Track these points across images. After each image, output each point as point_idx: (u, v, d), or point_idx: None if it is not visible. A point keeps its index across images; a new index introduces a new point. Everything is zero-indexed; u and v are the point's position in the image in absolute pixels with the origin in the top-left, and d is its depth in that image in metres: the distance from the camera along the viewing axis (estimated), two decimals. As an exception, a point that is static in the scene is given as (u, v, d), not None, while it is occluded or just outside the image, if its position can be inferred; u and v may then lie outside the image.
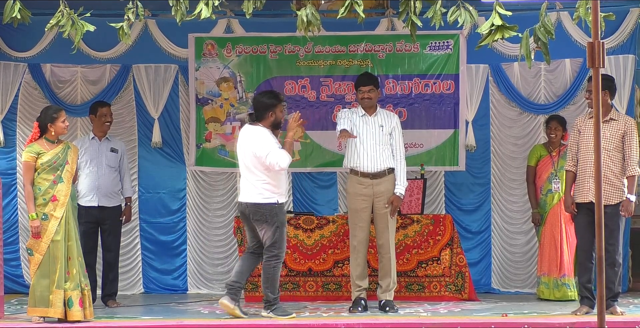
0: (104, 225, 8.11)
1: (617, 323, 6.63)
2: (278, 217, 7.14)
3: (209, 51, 9.15)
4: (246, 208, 7.16)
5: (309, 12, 6.48)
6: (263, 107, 7.24)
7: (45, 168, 6.95)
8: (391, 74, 9.06)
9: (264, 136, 7.15)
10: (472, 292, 8.13)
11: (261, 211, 7.09)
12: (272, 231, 7.11)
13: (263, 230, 7.13)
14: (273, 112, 7.23)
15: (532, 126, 9.06)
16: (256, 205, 7.10)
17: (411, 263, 8.16)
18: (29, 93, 9.14)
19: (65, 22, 6.62)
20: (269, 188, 7.12)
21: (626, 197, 6.98)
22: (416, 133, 9.00)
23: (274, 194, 7.14)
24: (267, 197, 7.11)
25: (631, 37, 8.74)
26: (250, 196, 7.15)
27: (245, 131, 7.28)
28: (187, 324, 6.91)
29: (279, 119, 7.28)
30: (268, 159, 7.02)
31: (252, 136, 7.18)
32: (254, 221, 7.16)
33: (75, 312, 6.83)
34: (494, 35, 6.35)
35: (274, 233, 7.11)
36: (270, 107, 7.24)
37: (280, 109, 7.30)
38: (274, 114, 7.24)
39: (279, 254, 7.18)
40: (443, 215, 8.37)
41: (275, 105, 7.25)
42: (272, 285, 7.14)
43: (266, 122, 7.23)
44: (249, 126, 7.31)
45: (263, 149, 7.06)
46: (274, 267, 7.14)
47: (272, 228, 7.10)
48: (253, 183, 7.14)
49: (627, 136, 7.03)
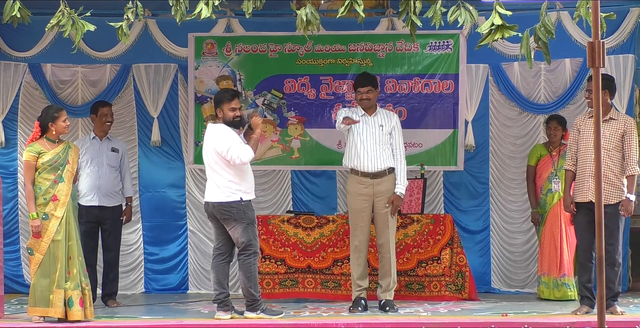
0: (104, 225, 8.11)
1: (617, 323, 6.63)
2: (246, 214, 7.07)
3: (209, 49, 9.15)
4: (212, 208, 7.10)
5: (309, 11, 6.47)
6: (214, 105, 7.23)
7: (46, 168, 6.95)
8: (391, 73, 9.06)
9: (223, 132, 7.09)
10: (473, 291, 8.13)
11: (227, 210, 7.04)
12: (243, 229, 7.04)
13: (233, 229, 7.07)
14: (220, 109, 7.15)
15: (531, 125, 9.06)
16: (221, 204, 7.06)
17: (411, 262, 8.16)
18: (29, 93, 9.15)
19: (65, 21, 6.62)
20: (232, 185, 7.07)
21: (626, 197, 6.98)
22: (416, 132, 9.00)
23: (238, 191, 7.08)
24: (229, 195, 7.06)
25: (631, 37, 8.74)
26: (213, 196, 7.10)
27: (208, 130, 7.25)
28: (187, 324, 6.91)
29: (227, 117, 7.14)
30: (229, 153, 6.98)
31: (212, 134, 7.15)
32: (222, 221, 7.10)
33: (76, 311, 6.83)
34: (494, 35, 6.34)
35: (245, 231, 7.05)
36: (218, 104, 7.18)
37: (229, 107, 7.12)
38: (221, 112, 7.15)
39: (256, 250, 7.15)
40: (443, 215, 8.37)
41: (222, 102, 7.15)
42: (255, 283, 7.11)
43: (219, 120, 7.19)
44: (211, 124, 7.29)
45: (223, 145, 7.02)
46: (253, 264, 7.09)
47: (242, 226, 7.05)
48: (215, 182, 7.11)
49: (626, 136, 7.03)
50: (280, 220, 8.30)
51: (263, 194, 9.10)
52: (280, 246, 8.21)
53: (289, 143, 9.06)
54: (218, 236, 7.23)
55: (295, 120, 9.13)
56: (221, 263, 7.17)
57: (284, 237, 8.24)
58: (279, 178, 9.20)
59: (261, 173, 9.12)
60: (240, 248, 7.09)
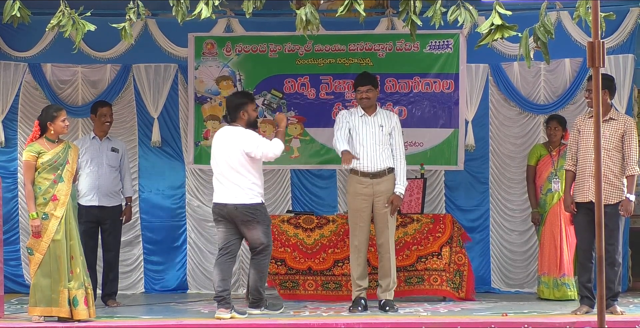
0: (104, 225, 8.11)
1: (617, 322, 6.63)
2: (267, 216, 7.28)
3: (209, 50, 9.15)
4: (234, 210, 7.13)
5: (308, 11, 6.47)
6: (234, 108, 7.31)
7: (46, 168, 6.94)
8: (391, 72, 9.06)
9: (248, 132, 7.21)
10: (470, 291, 8.11)
11: (251, 212, 7.13)
12: (263, 231, 7.17)
13: (254, 230, 7.16)
14: (245, 111, 7.28)
15: (531, 125, 9.06)
16: (245, 206, 7.13)
17: (411, 258, 8.15)
18: (29, 93, 9.15)
19: (66, 22, 6.62)
20: (255, 187, 7.20)
21: (625, 196, 6.98)
22: (416, 131, 9.01)
23: (259, 194, 7.23)
24: (252, 197, 7.18)
25: (631, 36, 8.74)
26: (236, 198, 7.14)
27: (225, 132, 7.30)
28: (187, 324, 6.91)
29: (252, 118, 7.33)
30: (260, 149, 7.08)
31: (235, 135, 7.21)
32: (243, 223, 7.15)
33: (81, 310, 6.83)
34: (494, 34, 6.34)
35: (265, 233, 7.19)
36: (242, 106, 7.29)
37: (252, 108, 7.34)
38: (246, 113, 7.28)
39: (270, 251, 7.32)
40: (443, 214, 8.37)
41: (246, 104, 7.30)
42: (265, 282, 7.29)
43: (241, 121, 7.29)
44: (227, 127, 7.34)
45: (252, 143, 7.11)
46: (266, 266, 7.29)
47: (263, 228, 7.18)
48: (238, 184, 7.15)
49: (626, 136, 7.03)
50: (280, 220, 8.29)
51: (263, 193, 9.14)
52: (280, 246, 8.20)
53: (288, 142, 9.06)
54: (227, 237, 7.23)
55: (295, 120, 9.13)
56: (227, 261, 7.21)
57: (284, 237, 8.24)
58: (279, 177, 9.20)
59: (260, 173, 9.15)
60: (259, 248, 7.19)
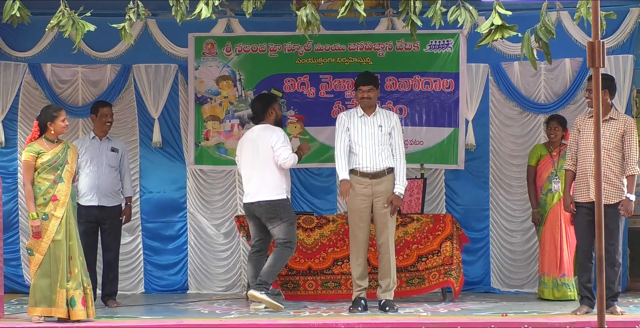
0: (104, 225, 8.10)
1: (617, 322, 6.62)
2: (290, 213, 7.55)
3: (209, 50, 9.15)
4: (258, 207, 7.46)
5: (309, 12, 6.48)
6: (262, 107, 7.67)
7: (46, 168, 6.93)
8: (391, 71, 9.06)
9: (280, 130, 7.61)
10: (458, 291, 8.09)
11: (275, 209, 7.45)
12: (286, 227, 7.47)
13: (278, 227, 7.45)
14: (272, 110, 7.70)
15: (532, 124, 9.06)
16: (269, 203, 7.46)
17: (411, 258, 8.15)
18: (29, 93, 9.14)
19: (65, 22, 6.62)
20: (281, 184, 7.54)
21: (626, 196, 6.97)
22: (416, 129, 9.03)
23: (284, 190, 7.55)
24: (279, 194, 7.51)
25: (631, 37, 8.74)
26: (263, 194, 7.48)
27: (257, 129, 7.65)
28: (187, 324, 6.90)
29: (279, 115, 7.76)
30: (283, 151, 7.44)
31: (268, 131, 7.56)
32: (267, 219, 7.47)
33: (79, 311, 6.82)
34: (494, 35, 6.34)
35: (288, 230, 7.49)
36: (268, 105, 7.69)
37: (278, 107, 7.80)
38: (273, 111, 7.70)
39: (294, 247, 7.58)
40: (443, 214, 8.37)
41: (272, 102, 7.75)
42: (275, 271, 7.46)
43: (269, 119, 7.67)
44: (257, 126, 7.66)
45: (282, 142, 7.48)
46: (285, 257, 7.49)
47: (287, 224, 7.48)
48: (265, 181, 7.48)
49: (626, 136, 7.03)
50: (281, 220, 8.29)
51: (263, 193, 9.15)
52: (280, 247, 8.20)
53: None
54: (257, 233, 7.66)
55: (294, 119, 9.14)
56: (259, 258, 7.64)
57: (284, 237, 8.24)
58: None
59: (261, 172, 9.16)
60: (281, 242, 7.48)
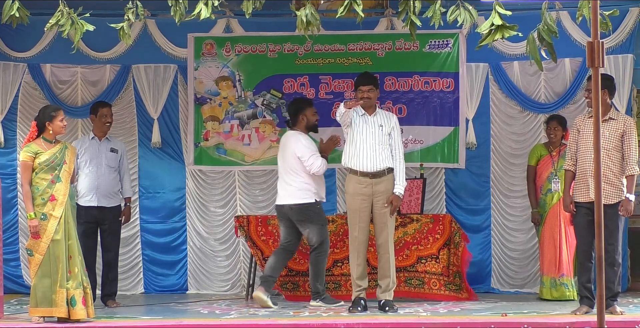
0: (103, 225, 8.10)
1: (616, 322, 6.61)
2: (320, 216, 7.73)
3: (208, 50, 9.15)
4: (289, 210, 7.66)
5: (309, 12, 6.47)
6: (294, 112, 7.91)
7: (43, 168, 6.92)
8: (390, 71, 9.06)
9: (304, 139, 7.78)
10: (470, 291, 8.10)
11: (303, 212, 7.65)
12: (317, 230, 7.66)
13: (309, 230, 7.63)
14: (304, 115, 7.85)
15: (532, 123, 9.06)
16: (298, 206, 7.65)
17: (411, 258, 8.15)
18: (29, 93, 9.14)
19: (64, 21, 6.61)
20: (309, 187, 7.70)
21: (625, 196, 6.97)
22: (416, 129, 9.03)
23: (313, 193, 7.70)
24: (305, 197, 7.68)
25: (630, 36, 8.74)
26: (289, 198, 7.70)
27: (286, 136, 7.90)
28: (187, 324, 6.90)
29: (310, 122, 7.89)
30: (310, 160, 7.66)
31: (293, 139, 7.79)
32: (298, 222, 7.66)
33: (79, 310, 6.82)
34: (494, 35, 6.33)
35: (319, 232, 7.67)
36: (300, 110, 7.87)
37: (311, 113, 7.89)
38: (304, 117, 7.85)
39: (326, 249, 7.76)
40: (442, 215, 8.36)
41: (304, 108, 7.88)
42: (321, 277, 7.74)
43: (300, 125, 7.87)
44: (289, 132, 7.95)
45: (306, 151, 7.68)
46: (322, 262, 7.73)
47: (317, 227, 7.66)
48: (292, 184, 7.71)
49: (626, 136, 7.02)
50: (281, 221, 8.28)
51: (262, 193, 9.17)
52: (281, 247, 8.20)
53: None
54: (287, 235, 7.80)
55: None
56: (283, 254, 7.79)
57: (285, 238, 8.23)
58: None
59: (261, 173, 9.16)
60: (314, 246, 7.68)
